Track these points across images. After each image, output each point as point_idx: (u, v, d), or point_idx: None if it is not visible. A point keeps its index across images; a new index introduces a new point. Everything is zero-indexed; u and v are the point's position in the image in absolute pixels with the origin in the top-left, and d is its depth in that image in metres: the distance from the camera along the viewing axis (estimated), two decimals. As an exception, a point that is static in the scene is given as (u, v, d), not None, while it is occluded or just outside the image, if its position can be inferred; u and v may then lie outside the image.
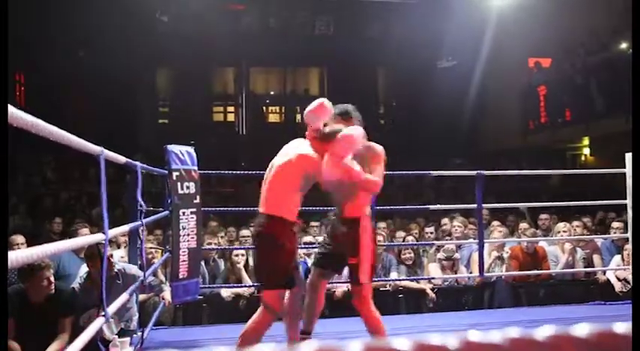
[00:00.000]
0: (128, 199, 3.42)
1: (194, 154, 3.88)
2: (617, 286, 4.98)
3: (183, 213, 3.70)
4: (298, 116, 16.11)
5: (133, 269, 3.50)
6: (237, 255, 4.80)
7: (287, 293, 2.88)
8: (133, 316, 3.58)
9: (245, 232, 5.36)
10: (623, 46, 10.41)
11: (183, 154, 3.78)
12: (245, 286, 4.68)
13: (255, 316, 2.80)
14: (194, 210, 3.78)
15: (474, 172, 4.45)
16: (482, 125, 13.94)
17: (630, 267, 4.56)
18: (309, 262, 5.26)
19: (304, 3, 14.09)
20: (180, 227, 3.69)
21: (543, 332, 0.47)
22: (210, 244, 4.90)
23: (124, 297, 2.80)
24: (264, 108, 16.04)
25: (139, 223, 3.16)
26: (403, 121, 14.82)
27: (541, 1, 10.85)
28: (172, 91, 15.34)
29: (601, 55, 10.21)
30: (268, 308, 2.76)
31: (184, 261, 3.72)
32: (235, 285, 4.67)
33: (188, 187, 3.75)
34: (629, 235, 4.56)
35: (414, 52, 12.84)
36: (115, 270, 3.38)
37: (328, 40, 14.09)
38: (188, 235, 3.74)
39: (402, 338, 0.45)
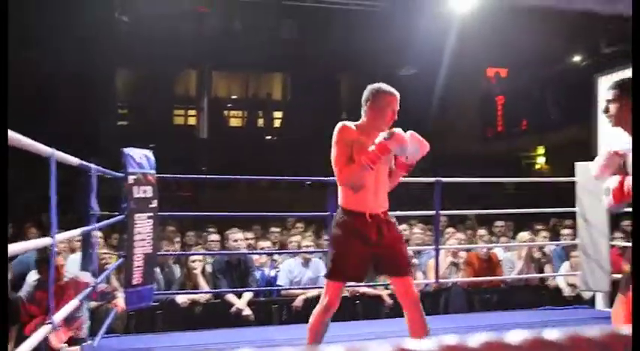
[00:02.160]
0: (80, 203, 3.32)
1: (152, 158, 3.81)
2: (566, 291, 5.15)
3: (139, 217, 3.63)
4: (260, 121, 16.06)
5: (87, 277, 3.41)
6: (194, 261, 4.73)
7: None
8: (83, 324, 3.48)
9: (214, 236, 5.21)
10: (577, 59, 10.80)
11: (141, 157, 3.71)
12: (201, 292, 4.61)
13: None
14: (150, 214, 3.72)
15: (432, 179, 4.50)
16: (442, 133, 14.20)
17: (578, 273, 4.72)
18: (267, 270, 5.14)
19: (269, 7, 14.08)
20: (136, 232, 3.61)
21: (517, 336, 0.48)
22: (167, 250, 4.80)
23: (72, 304, 2.72)
24: (225, 112, 15.93)
25: (91, 227, 3.08)
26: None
27: (501, 13, 11.15)
28: (133, 92, 15.07)
29: (556, 67, 10.57)
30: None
31: (139, 267, 3.64)
32: (191, 291, 4.59)
33: (145, 191, 3.68)
34: (578, 241, 4.72)
35: (376, 60, 12.98)
36: (66, 279, 3.27)
37: (292, 45, 14.12)
38: (144, 240, 3.67)
39: (381, 341, 0.45)
